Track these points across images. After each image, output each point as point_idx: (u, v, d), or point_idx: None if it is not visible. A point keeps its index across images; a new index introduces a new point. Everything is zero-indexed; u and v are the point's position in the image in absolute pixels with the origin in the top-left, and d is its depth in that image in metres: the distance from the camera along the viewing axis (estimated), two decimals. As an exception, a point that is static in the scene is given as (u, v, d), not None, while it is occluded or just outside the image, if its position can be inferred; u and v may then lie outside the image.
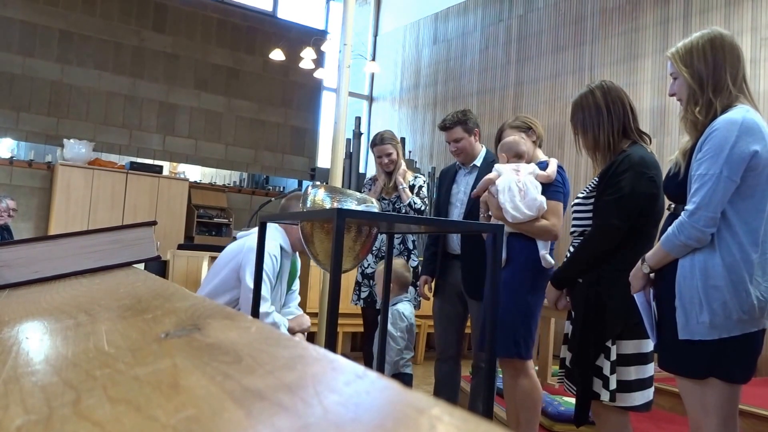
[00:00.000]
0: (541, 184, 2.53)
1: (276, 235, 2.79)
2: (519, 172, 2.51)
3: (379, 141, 3.57)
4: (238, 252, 2.78)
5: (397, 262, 3.13)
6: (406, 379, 2.92)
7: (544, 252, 2.50)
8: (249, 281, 2.61)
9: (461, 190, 3.03)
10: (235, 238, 3.05)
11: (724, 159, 1.66)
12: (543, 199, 2.47)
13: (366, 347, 3.58)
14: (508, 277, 2.44)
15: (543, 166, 2.60)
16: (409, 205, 3.47)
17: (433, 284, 3.10)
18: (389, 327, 2.81)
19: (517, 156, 2.61)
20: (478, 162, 3.02)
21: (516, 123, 2.80)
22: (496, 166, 2.58)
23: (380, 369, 2.34)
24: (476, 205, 2.84)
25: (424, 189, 3.61)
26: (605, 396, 1.98)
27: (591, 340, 2.04)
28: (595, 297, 2.05)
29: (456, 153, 3.03)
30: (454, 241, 3.00)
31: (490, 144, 3.12)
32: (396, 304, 2.91)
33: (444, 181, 3.16)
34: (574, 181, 6.25)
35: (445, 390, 3.03)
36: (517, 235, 2.51)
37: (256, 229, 2.87)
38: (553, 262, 2.49)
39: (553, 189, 2.55)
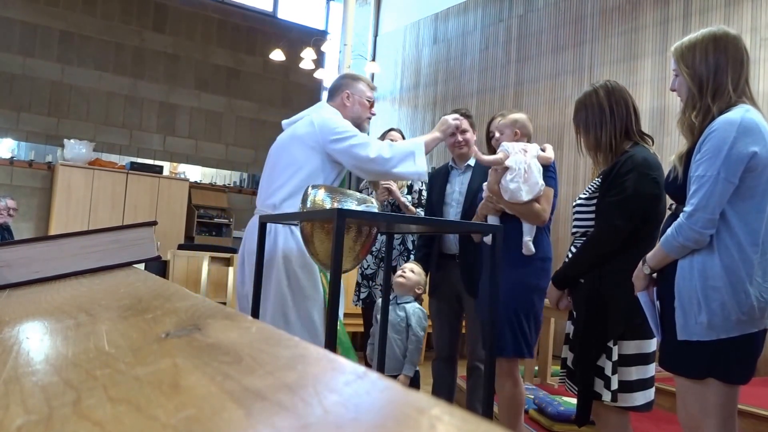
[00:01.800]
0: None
1: (336, 113, 2.54)
2: (526, 153, 2.50)
3: (392, 130, 3.65)
4: (305, 125, 2.41)
5: (423, 274, 3.04)
6: (415, 377, 2.94)
7: (528, 239, 2.47)
8: (349, 135, 2.30)
9: (456, 189, 3.02)
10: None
11: (722, 160, 1.65)
12: (543, 183, 2.47)
13: (366, 347, 3.57)
14: (511, 276, 2.43)
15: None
16: None
17: (427, 284, 3.10)
18: (415, 326, 2.82)
19: (527, 136, 2.61)
20: (471, 162, 3.02)
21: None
22: (504, 144, 2.57)
23: (380, 369, 2.34)
24: (473, 203, 2.84)
25: (425, 193, 3.58)
26: (607, 396, 1.98)
27: (593, 340, 2.04)
28: (597, 297, 2.05)
29: (461, 145, 3.02)
30: (451, 240, 3.00)
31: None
32: (411, 302, 2.91)
33: (436, 182, 3.15)
34: (573, 181, 6.24)
35: (442, 390, 3.03)
36: (518, 233, 2.49)
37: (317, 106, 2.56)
38: (534, 250, 2.47)
39: (548, 175, 2.54)
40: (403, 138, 3.64)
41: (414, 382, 2.90)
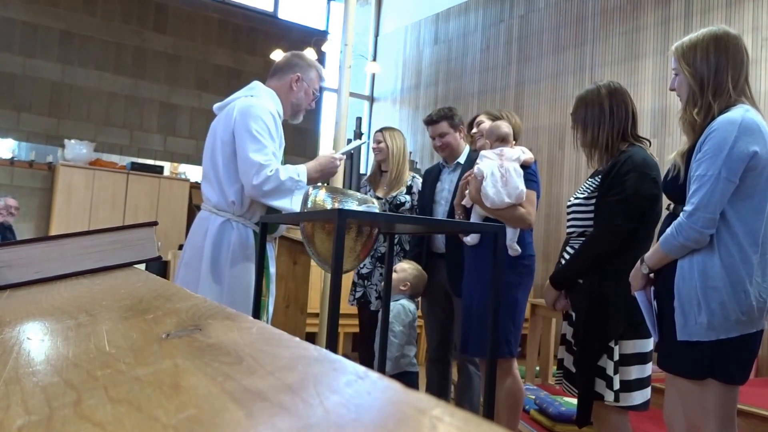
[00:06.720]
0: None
1: (270, 98, 2.37)
2: (502, 156, 2.50)
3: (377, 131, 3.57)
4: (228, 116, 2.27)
5: (415, 270, 3.03)
6: (411, 378, 2.89)
7: (512, 241, 2.48)
8: (258, 141, 2.14)
9: (445, 188, 3.03)
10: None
11: (723, 160, 1.65)
12: (524, 188, 2.47)
13: (360, 348, 3.54)
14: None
15: None
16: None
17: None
18: (392, 322, 2.79)
19: (500, 140, 2.60)
20: (461, 159, 3.02)
21: (491, 111, 2.88)
22: (482, 152, 2.58)
23: (381, 369, 2.34)
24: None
25: None
26: (609, 396, 1.98)
27: (594, 341, 2.04)
28: (597, 297, 2.05)
29: (441, 148, 3.03)
30: (439, 240, 3.00)
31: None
32: (398, 300, 2.89)
33: (428, 180, 3.16)
34: (574, 181, 6.24)
35: (437, 390, 3.03)
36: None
37: (252, 87, 2.36)
38: (519, 250, 2.47)
39: (528, 178, 2.54)
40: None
41: (412, 383, 2.88)
